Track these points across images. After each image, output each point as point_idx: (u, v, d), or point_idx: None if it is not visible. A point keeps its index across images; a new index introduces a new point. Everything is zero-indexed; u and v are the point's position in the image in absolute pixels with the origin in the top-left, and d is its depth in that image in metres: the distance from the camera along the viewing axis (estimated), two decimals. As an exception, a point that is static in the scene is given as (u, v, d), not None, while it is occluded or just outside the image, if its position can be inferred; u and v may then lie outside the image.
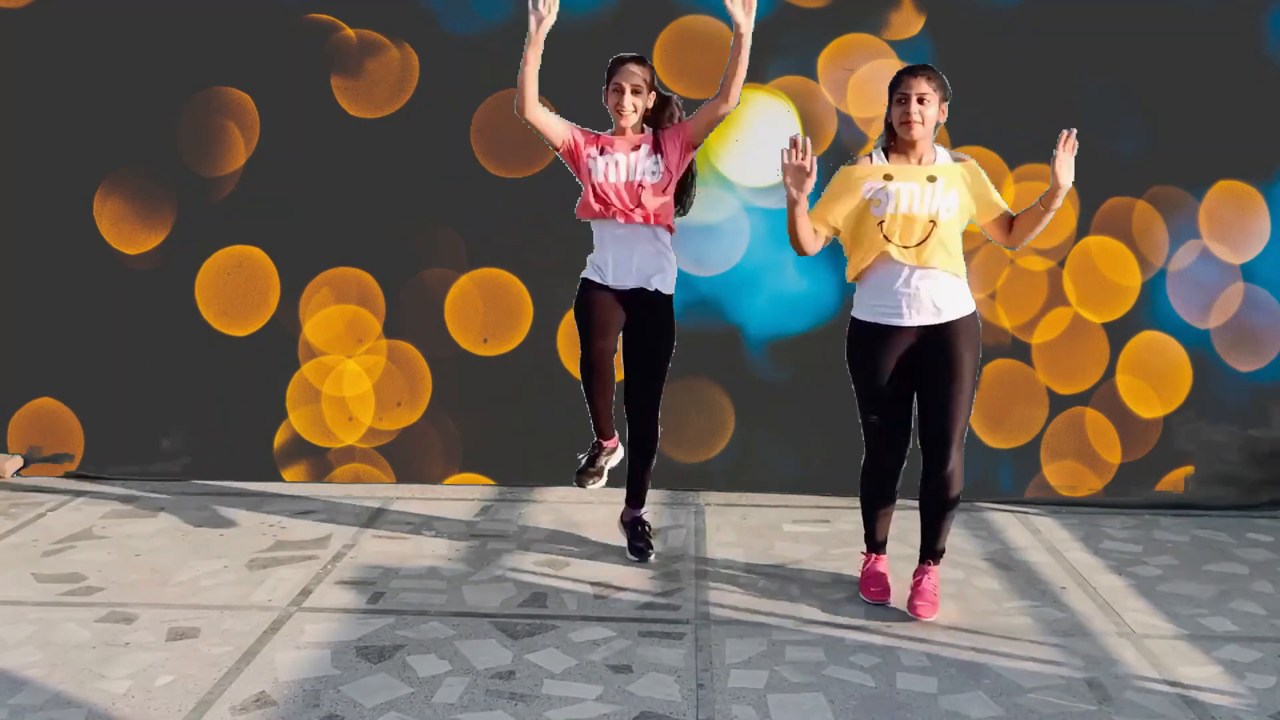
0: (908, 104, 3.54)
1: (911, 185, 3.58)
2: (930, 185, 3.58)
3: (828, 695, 3.21)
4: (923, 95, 3.54)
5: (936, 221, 3.55)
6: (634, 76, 3.95)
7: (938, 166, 3.62)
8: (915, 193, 3.57)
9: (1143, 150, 4.99)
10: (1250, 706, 3.18)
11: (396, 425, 5.25)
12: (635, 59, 4.00)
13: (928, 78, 3.57)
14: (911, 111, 3.53)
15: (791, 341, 5.10)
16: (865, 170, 3.66)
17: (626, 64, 3.98)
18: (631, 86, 3.94)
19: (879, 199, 3.59)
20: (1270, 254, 5.05)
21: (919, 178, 3.59)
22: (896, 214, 3.56)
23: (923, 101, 3.53)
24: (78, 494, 5.02)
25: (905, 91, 3.57)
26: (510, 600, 3.88)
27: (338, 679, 3.26)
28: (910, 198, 3.57)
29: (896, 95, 3.60)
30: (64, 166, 5.15)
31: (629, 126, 4.01)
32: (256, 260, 5.19)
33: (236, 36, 5.07)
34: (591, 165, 4.01)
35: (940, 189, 3.58)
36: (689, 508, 4.94)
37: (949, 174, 3.61)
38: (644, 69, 3.99)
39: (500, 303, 5.16)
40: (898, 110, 3.58)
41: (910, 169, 3.61)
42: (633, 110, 3.96)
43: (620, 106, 3.96)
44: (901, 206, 3.56)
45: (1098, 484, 5.12)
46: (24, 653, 3.40)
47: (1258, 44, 4.96)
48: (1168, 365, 5.09)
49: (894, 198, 3.58)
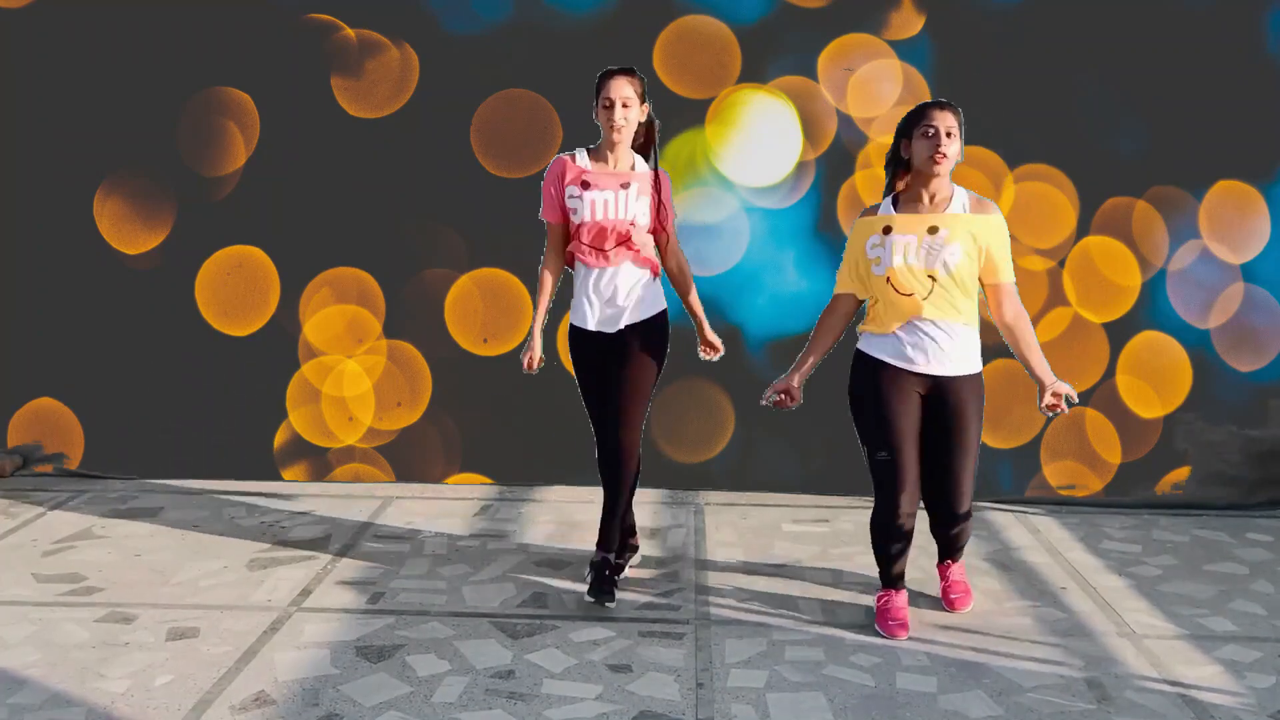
0: (938, 138, 3.35)
1: (908, 239, 3.41)
2: (930, 237, 3.40)
3: (827, 695, 3.21)
4: (950, 129, 3.36)
5: (936, 278, 3.40)
6: (624, 89, 3.65)
7: (945, 216, 3.44)
8: (911, 246, 3.41)
9: (1143, 150, 4.99)
10: (1250, 706, 3.18)
11: (396, 425, 5.25)
12: (624, 71, 3.71)
13: (953, 112, 3.41)
14: (942, 145, 3.34)
15: (791, 341, 5.08)
16: (873, 222, 3.51)
17: (615, 76, 3.68)
18: (622, 100, 3.64)
19: (879, 256, 3.45)
20: (1270, 254, 5.05)
21: (919, 229, 3.42)
22: (894, 267, 3.41)
23: (950, 136, 3.36)
24: (78, 494, 5.02)
25: (934, 124, 3.37)
26: (510, 600, 3.88)
27: (337, 678, 3.26)
28: (905, 251, 3.41)
29: (921, 129, 3.40)
30: (64, 166, 5.15)
31: (620, 142, 3.71)
32: (256, 260, 5.19)
33: (236, 36, 5.07)
34: (574, 206, 3.72)
35: (941, 240, 3.40)
36: (689, 508, 4.94)
37: (955, 224, 3.42)
38: (635, 80, 3.69)
39: (500, 303, 5.16)
40: (924, 145, 3.38)
41: (913, 219, 3.44)
42: (624, 123, 3.66)
43: (612, 122, 3.66)
44: (896, 260, 3.41)
45: (1098, 484, 5.12)
46: (24, 652, 3.40)
47: (1258, 44, 4.96)
48: (1168, 365, 5.09)
49: (890, 251, 3.42)
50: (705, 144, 5.02)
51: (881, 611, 3.67)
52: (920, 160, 3.40)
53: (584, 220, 3.69)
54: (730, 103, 5.02)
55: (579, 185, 3.70)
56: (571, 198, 3.71)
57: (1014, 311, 3.52)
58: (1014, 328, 3.52)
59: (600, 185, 3.70)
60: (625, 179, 3.71)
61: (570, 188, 3.71)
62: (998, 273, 3.48)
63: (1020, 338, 3.52)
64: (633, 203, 3.69)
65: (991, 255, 3.45)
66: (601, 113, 3.70)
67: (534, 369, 3.86)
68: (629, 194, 3.69)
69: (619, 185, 3.70)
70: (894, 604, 3.67)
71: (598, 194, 3.69)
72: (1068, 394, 3.45)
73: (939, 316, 3.41)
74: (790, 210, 5.05)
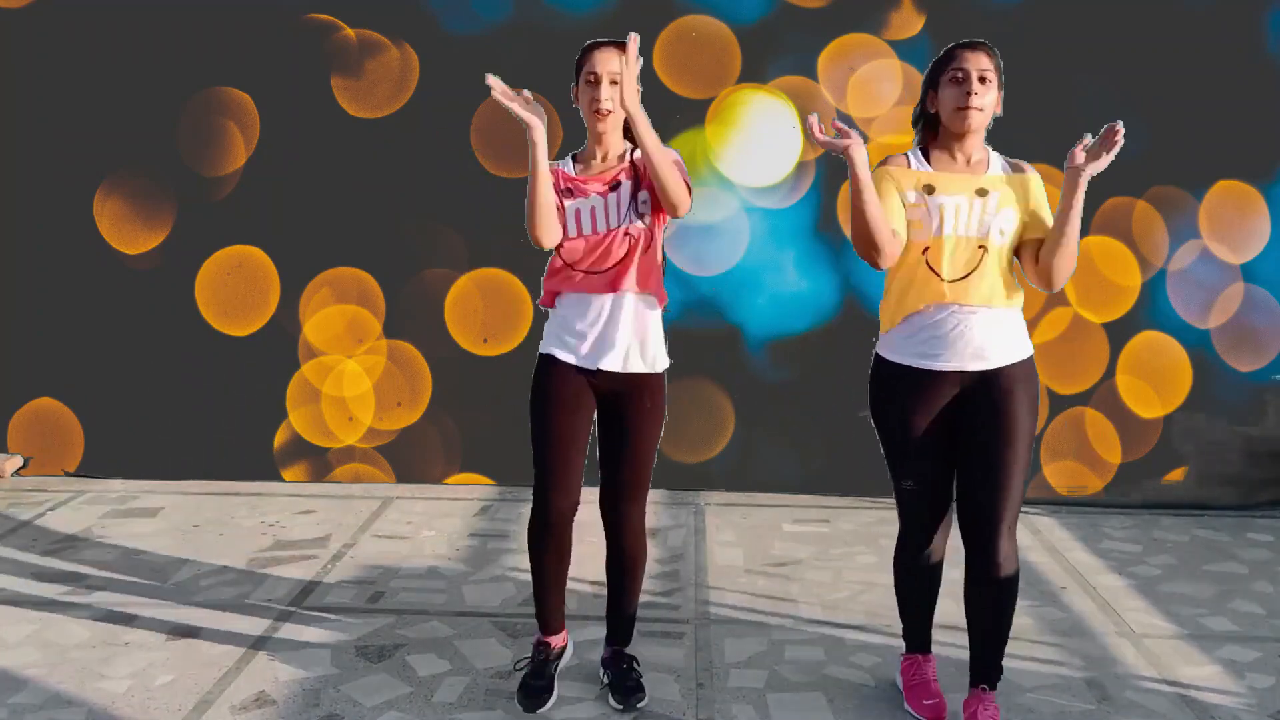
0: (968, 83, 2.75)
1: (958, 199, 2.79)
2: (980, 200, 2.81)
3: (827, 695, 3.21)
4: (984, 73, 2.75)
5: (987, 247, 2.79)
6: (613, 62, 2.93)
7: (989, 177, 2.85)
8: (963, 208, 2.79)
9: (1143, 150, 4.97)
10: (1250, 706, 3.18)
11: (396, 425, 5.25)
12: (613, 41, 2.99)
13: (988, 53, 2.79)
14: (973, 90, 2.74)
15: (791, 341, 5.10)
16: (902, 175, 2.85)
17: (601, 48, 2.98)
18: (610, 76, 2.93)
19: (921, 219, 2.80)
20: (1270, 254, 5.05)
21: (967, 190, 2.81)
22: (942, 236, 2.78)
23: (984, 80, 2.75)
24: (78, 494, 5.02)
25: (963, 67, 2.76)
26: (510, 600, 3.88)
27: (337, 678, 3.26)
28: (956, 215, 2.78)
29: (950, 73, 2.78)
30: (64, 166, 5.15)
31: (608, 131, 3.00)
32: (256, 260, 5.19)
33: (236, 36, 5.07)
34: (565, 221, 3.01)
35: (993, 205, 2.80)
36: (689, 508, 4.94)
37: (1003, 187, 2.85)
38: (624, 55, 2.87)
39: (500, 303, 5.16)
40: (952, 92, 2.77)
41: (956, 179, 2.83)
42: (612, 106, 2.94)
43: (596, 101, 2.93)
44: (947, 228, 2.78)
45: (1098, 484, 5.12)
46: (24, 652, 3.40)
47: (1258, 44, 4.95)
48: (1168, 365, 5.09)
49: (936, 215, 2.79)
50: (705, 144, 5.02)
51: (910, 688, 3.11)
52: (948, 113, 2.80)
53: (568, 237, 2.99)
54: (730, 103, 5.02)
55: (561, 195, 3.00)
56: None
57: None
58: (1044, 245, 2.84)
59: (583, 191, 2.98)
60: (614, 176, 3.00)
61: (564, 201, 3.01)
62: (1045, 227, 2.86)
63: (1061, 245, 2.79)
64: (625, 204, 2.97)
65: (1039, 214, 2.87)
66: (583, 91, 2.98)
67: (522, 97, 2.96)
68: (620, 195, 2.97)
69: (606, 187, 2.99)
70: (924, 675, 3.12)
71: (581, 202, 2.98)
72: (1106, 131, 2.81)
73: (978, 302, 2.80)
74: (790, 210, 5.05)
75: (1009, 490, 2.80)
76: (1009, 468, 2.80)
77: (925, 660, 3.17)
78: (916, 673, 3.14)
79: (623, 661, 3.23)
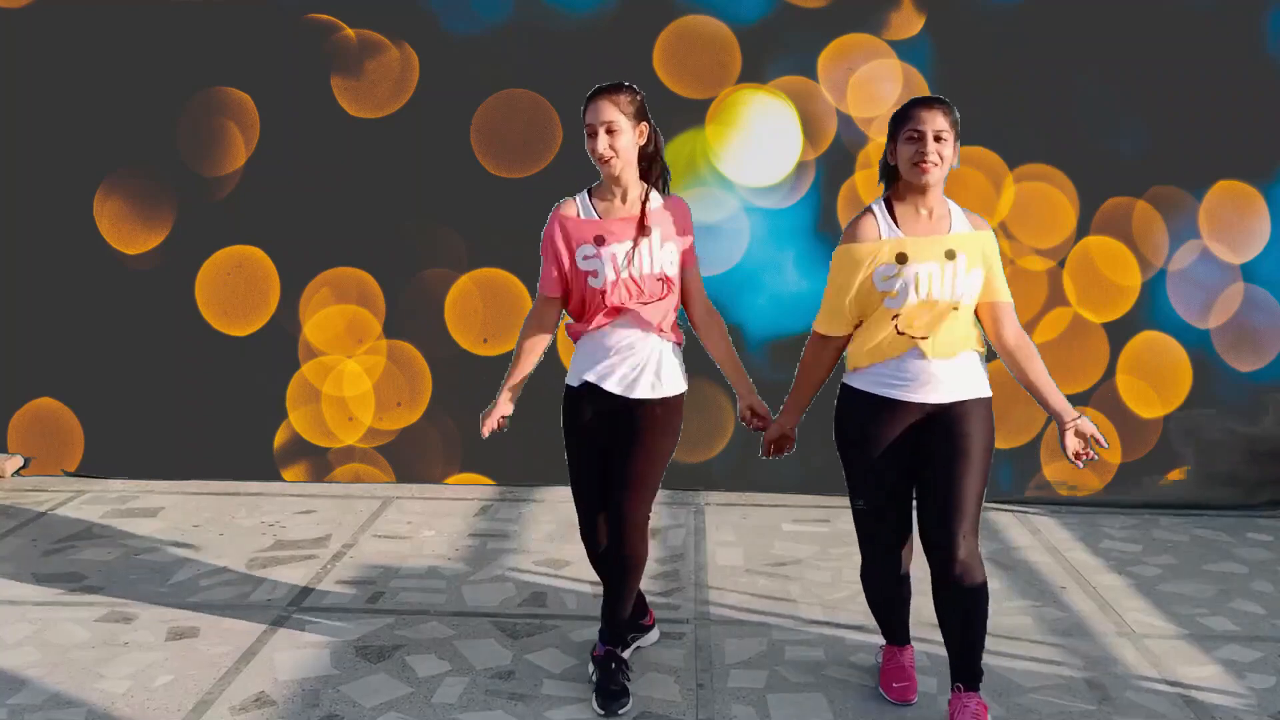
0: (922, 142, 2.86)
1: (930, 266, 2.89)
2: (950, 264, 2.90)
3: (828, 695, 3.21)
4: (940, 132, 2.86)
5: (959, 307, 2.91)
6: (605, 111, 2.98)
7: (955, 236, 2.94)
8: (935, 275, 2.89)
9: (1143, 150, 4.99)
10: (1250, 706, 3.18)
11: (396, 425, 5.25)
12: (608, 89, 3.02)
13: (944, 111, 2.88)
14: (928, 152, 2.85)
15: (791, 341, 5.09)
16: (872, 249, 2.94)
17: (595, 99, 3.01)
18: (605, 125, 2.97)
19: (895, 290, 2.91)
20: (1270, 254, 5.05)
21: (937, 254, 2.91)
22: (916, 303, 2.90)
23: (939, 140, 2.86)
24: (78, 494, 5.02)
25: (919, 128, 2.86)
26: (510, 600, 3.88)
27: (337, 679, 3.26)
28: (930, 282, 2.89)
29: (906, 132, 2.89)
30: (64, 166, 5.15)
31: (619, 174, 3.04)
32: (256, 260, 5.19)
33: (236, 36, 5.07)
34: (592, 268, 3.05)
35: (962, 267, 2.90)
36: (689, 508, 4.94)
37: (969, 246, 2.93)
38: (619, 99, 3.00)
39: (500, 303, 5.16)
40: (908, 149, 2.88)
41: (925, 242, 2.91)
42: (612, 154, 2.99)
43: (595, 152, 3.00)
44: (921, 294, 2.89)
45: (1098, 484, 5.12)
46: (24, 652, 3.40)
47: (1258, 44, 4.96)
48: (1168, 365, 5.09)
49: (913, 285, 2.89)
50: (705, 144, 5.02)
51: (885, 672, 3.26)
52: (905, 168, 2.91)
53: (607, 280, 3.03)
54: (730, 103, 5.02)
55: (593, 244, 3.04)
56: (587, 259, 3.05)
57: (1016, 332, 3.03)
58: (1018, 350, 3.02)
59: (618, 235, 3.05)
60: (639, 218, 3.06)
61: (583, 248, 3.05)
62: (997, 291, 3.00)
63: (1026, 361, 3.02)
64: (658, 251, 3.06)
65: (992, 272, 2.99)
66: (587, 141, 3.04)
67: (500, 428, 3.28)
68: (653, 242, 3.06)
69: (638, 231, 3.05)
70: (898, 662, 3.26)
71: (618, 247, 3.03)
72: (1093, 435, 2.93)
73: (944, 353, 2.93)
74: (790, 210, 5.05)
75: (963, 498, 2.90)
76: (964, 477, 2.91)
77: (902, 650, 3.28)
78: (892, 659, 3.27)
79: (612, 662, 3.19)
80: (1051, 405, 3.00)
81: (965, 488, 2.90)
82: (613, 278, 3.03)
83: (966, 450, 2.92)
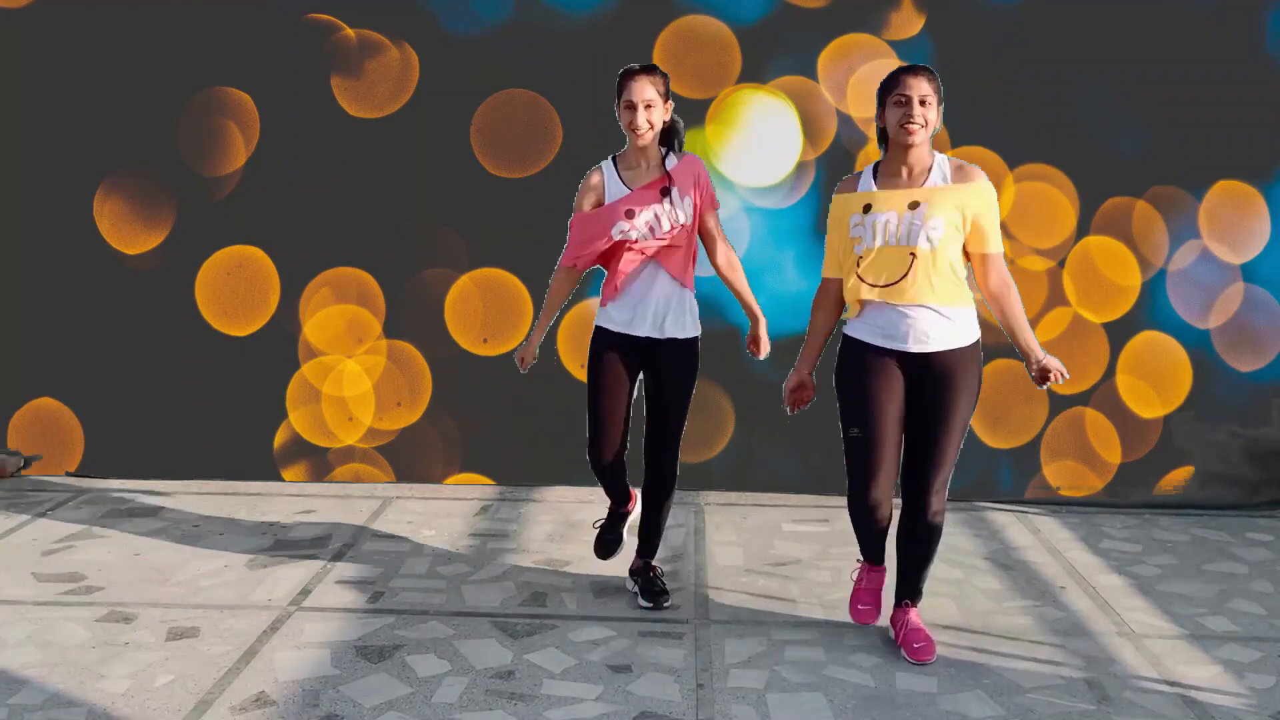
0: (909, 106, 3.20)
1: (889, 215, 3.25)
2: (910, 213, 3.24)
3: (828, 695, 3.21)
4: (924, 97, 3.20)
5: (916, 254, 3.22)
6: (645, 91, 3.52)
7: (926, 189, 3.26)
8: (891, 222, 3.24)
9: (1143, 150, 4.99)
10: (1250, 706, 3.18)
11: (396, 425, 5.25)
12: (645, 70, 3.56)
13: (928, 78, 3.23)
14: (914, 114, 3.19)
15: (792, 342, 5.05)
16: (850, 199, 3.35)
17: (636, 76, 3.54)
18: (644, 103, 3.51)
19: (859, 235, 3.29)
20: (1270, 254, 5.05)
21: (899, 204, 3.25)
22: (871, 249, 3.26)
23: (924, 104, 3.20)
24: (78, 494, 5.02)
25: (905, 93, 3.21)
26: (510, 600, 3.88)
27: (337, 679, 3.26)
28: (885, 230, 3.25)
29: (894, 97, 3.24)
30: (64, 166, 5.15)
31: (647, 145, 3.59)
32: (256, 260, 5.19)
33: (236, 36, 5.07)
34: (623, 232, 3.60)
35: (922, 215, 3.22)
36: (689, 508, 4.94)
37: (937, 196, 3.24)
38: (655, 79, 3.55)
39: (500, 303, 5.16)
40: (895, 113, 3.23)
41: (893, 194, 3.27)
42: (648, 128, 3.53)
43: (634, 125, 3.52)
44: (877, 240, 3.25)
45: (1098, 484, 5.12)
46: (24, 652, 3.40)
47: (1258, 44, 4.96)
48: (1168, 365, 5.09)
49: (870, 231, 3.26)
50: (705, 144, 5.02)
51: (855, 593, 3.67)
52: (893, 130, 3.25)
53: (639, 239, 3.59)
54: (730, 103, 5.02)
55: (624, 218, 3.58)
56: (620, 231, 3.59)
57: (1000, 281, 3.33)
58: (1000, 297, 3.33)
59: (643, 203, 3.59)
60: (661, 182, 3.60)
61: (616, 225, 3.59)
62: (985, 242, 3.29)
63: (1006, 307, 3.34)
64: (679, 204, 3.59)
65: (979, 225, 3.27)
66: (623, 114, 3.56)
67: (525, 367, 3.85)
68: (671, 200, 3.59)
69: (659, 194, 3.59)
70: (868, 583, 3.64)
71: (646, 213, 3.58)
72: (1058, 369, 3.29)
73: (910, 301, 3.24)
74: (790, 210, 5.05)
75: (941, 460, 3.33)
76: (941, 441, 3.31)
77: (872, 569, 3.64)
78: (863, 578, 3.66)
79: (650, 570, 3.87)
80: (1021, 343, 3.37)
81: (942, 449, 3.31)
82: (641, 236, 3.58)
83: (947, 415, 3.30)
